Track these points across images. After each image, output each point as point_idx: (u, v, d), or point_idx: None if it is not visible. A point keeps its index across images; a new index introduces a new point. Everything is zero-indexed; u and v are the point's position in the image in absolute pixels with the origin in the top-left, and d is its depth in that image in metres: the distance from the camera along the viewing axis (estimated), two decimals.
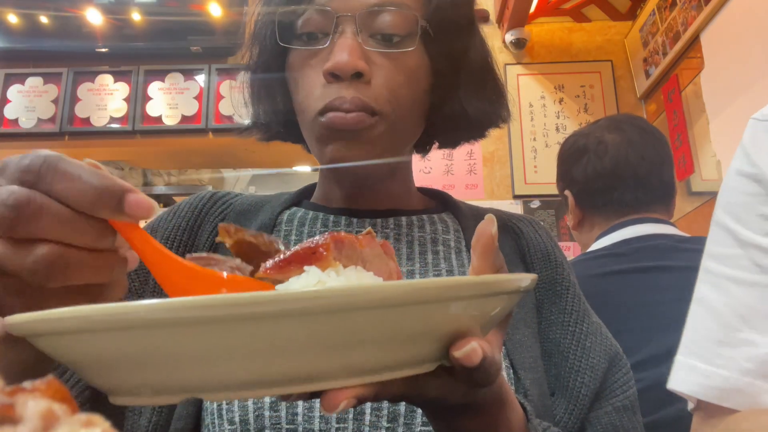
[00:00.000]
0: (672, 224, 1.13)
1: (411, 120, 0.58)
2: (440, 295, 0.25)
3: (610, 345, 0.59)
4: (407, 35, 0.55)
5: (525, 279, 0.31)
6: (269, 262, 0.29)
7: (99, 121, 2.91)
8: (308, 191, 0.69)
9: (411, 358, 0.28)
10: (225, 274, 0.30)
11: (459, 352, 0.28)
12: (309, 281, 0.28)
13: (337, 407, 0.26)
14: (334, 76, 0.53)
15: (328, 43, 0.54)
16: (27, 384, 0.17)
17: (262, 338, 0.23)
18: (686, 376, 0.48)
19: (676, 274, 1.02)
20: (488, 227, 0.33)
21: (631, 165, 1.12)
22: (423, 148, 0.69)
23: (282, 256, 0.29)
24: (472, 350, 0.28)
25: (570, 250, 2.58)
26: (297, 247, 0.29)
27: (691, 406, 0.51)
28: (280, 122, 0.63)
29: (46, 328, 0.24)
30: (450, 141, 0.67)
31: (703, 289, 0.50)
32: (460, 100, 0.60)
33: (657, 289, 1.01)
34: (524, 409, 0.42)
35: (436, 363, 0.29)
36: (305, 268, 0.29)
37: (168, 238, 0.60)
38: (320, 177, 0.67)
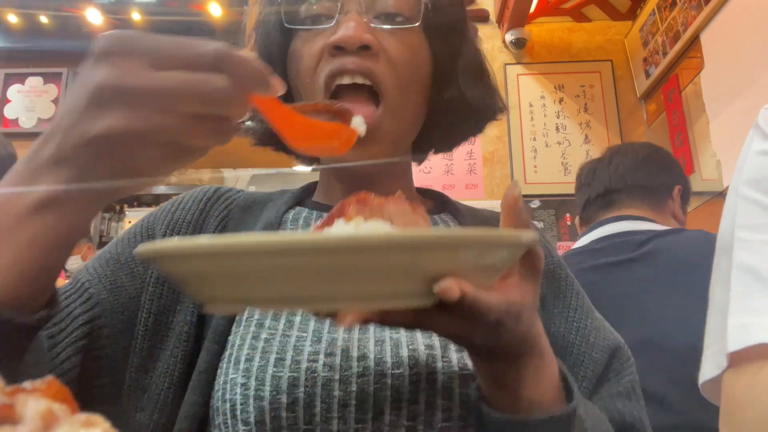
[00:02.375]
0: (651, 220, 1.20)
1: (414, 103, 0.59)
2: (413, 244, 0.32)
3: (613, 339, 0.60)
4: (409, 17, 0.57)
5: (514, 237, 0.36)
6: (318, 223, 0.39)
7: None
8: (310, 190, 0.69)
9: (407, 292, 0.34)
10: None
11: (436, 287, 0.33)
12: (333, 231, 0.36)
13: (345, 322, 0.33)
14: (339, 49, 0.54)
15: (333, 22, 0.55)
16: (27, 384, 0.17)
17: (293, 268, 0.31)
18: (746, 333, 0.50)
19: (648, 263, 1.08)
20: (512, 191, 0.40)
21: (598, 175, 1.30)
22: (421, 152, 0.69)
23: (326, 215, 0.39)
24: (447, 287, 0.32)
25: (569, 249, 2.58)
26: (337, 205, 0.39)
27: (717, 372, 0.52)
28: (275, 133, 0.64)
29: (164, 255, 0.33)
30: (448, 138, 0.67)
31: (742, 256, 0.53)
32: (459, 86, 0.61)
33: (630, 281, 1.07)
34: (564, 374, 0.45)
35: (432, 300, 0.34)
36: (335, 221, 0.37)
37: (173, 230, 0.60)
38: (321, 176, 0.67)
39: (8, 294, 0.36)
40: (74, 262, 2.79)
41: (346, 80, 0.54)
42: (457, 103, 0.62)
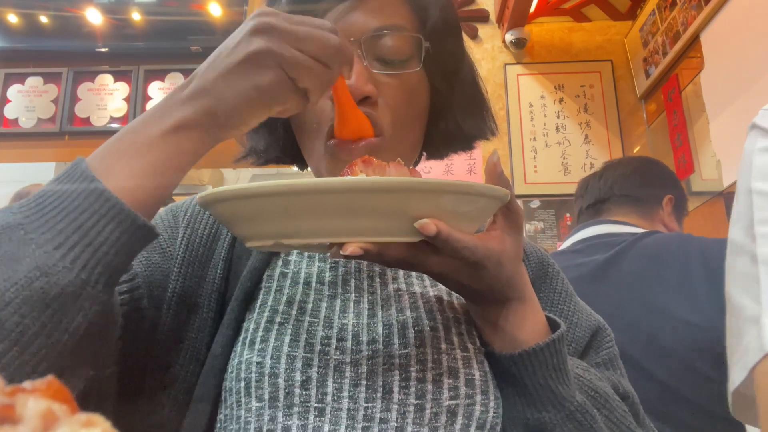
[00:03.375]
0: (634, 226, 1.26)
1: (411, 139, 0.61)
2: (401, 187, 0.39)
3: (594, 319, 0.64)
4: (408, 57, 0.58)
5: (484, 188, 0.42)
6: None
7: (99, 121, 2.91)
8: None
9: (398, 230, 0.41)
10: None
11: (417, 223, 0.40)
12: None
13: (347, 251, 0.40)
14: None
15: None
16: (27, 384, 0.17)
17: (304, 206, 0.39)
18: None
19: (618, 264, 1.14)
20: (492, 158, 0.47)
21: (590, 188, 1.41)
22: (414, 160, 0.71)
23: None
24: (425, 223, 0.40)
25: None
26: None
27: (745, 374, 0.51)
28: (278, 148, 0.66)
29: (216, 199, 0.43)
30: (439, 154, 0.70)
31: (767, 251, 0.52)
32: (455, 116, 0.64)
33: (605, 281, 1.13)
34: (554, 324, 0.52)
35: (418, 236, 0.41)
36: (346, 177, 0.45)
37: (195, 219, 0.62)
38: None
39: (139, 204, 0.44)
40: None
41: (347, 143, 0.58)
42: (452, 132, 0.65)
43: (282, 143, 0.66)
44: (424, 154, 0.71)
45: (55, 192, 0.43)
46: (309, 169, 0.73)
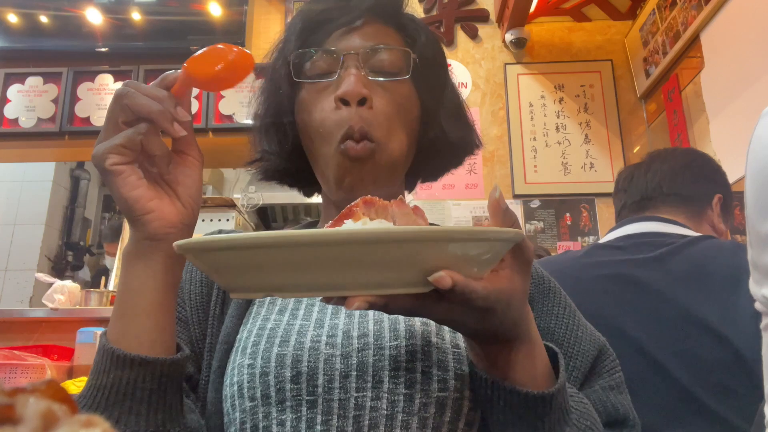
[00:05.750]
0: (683, 225, 1.17)
1: (403, 143, 0.65)
2: (413, 237, 0.36)
3: (598, 337, 0.64)
4: (399, 70, 0.65)
5: (498, 232, 0.40)
6: (329, 222, 0.43)
7: (99, 120, 2.91)
8: (312, 226, 0.74)
9: (406, 281, 0.39)
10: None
11: (431, 277, 0.38)
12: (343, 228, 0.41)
13: (352, 306, 0.38)
14: (343, 102, 0.61)
15: (336, 76, 0.64)
16: (27, 384, 0.17)
17: (306, 259, 0.36)
18: None
19: (669, 268, 1.05)
20: (494, 194, 0.45)
21: (635, 182, 1.29)
22: (411, 181, 0.76)
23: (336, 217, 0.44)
24: (440, 277, 0.38)
25: (570, 249, 2.57)
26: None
27: None
28: (283, 158, 0.70)
29: (196, 248, 0.39)
30: (433, 172, 0.75)
31: None
32: (442, 127, 0.69)
33: (647, 282, 1.05)
34: (555, 356, 0.50)
35: (429, 287, 0.39)
36: (345, 221, 0.41)
37: (191, 293, 0.65)
38: (323, 212, 0.72)
39: (147, 344, 0.49)
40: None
41: (355, 137, 0.61)
42: (440, 141, 0.70)
43: (289, 150, 0.69)
44: (419, 180, 0.76)
45: (94, 375, 0.49)
46: (317, 195, 0.75)
